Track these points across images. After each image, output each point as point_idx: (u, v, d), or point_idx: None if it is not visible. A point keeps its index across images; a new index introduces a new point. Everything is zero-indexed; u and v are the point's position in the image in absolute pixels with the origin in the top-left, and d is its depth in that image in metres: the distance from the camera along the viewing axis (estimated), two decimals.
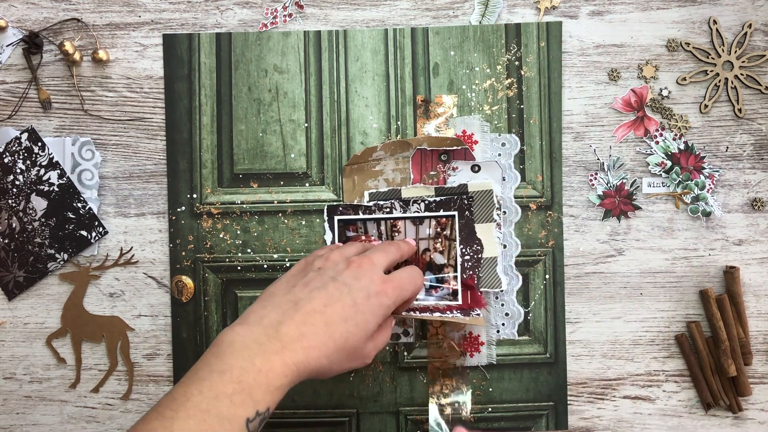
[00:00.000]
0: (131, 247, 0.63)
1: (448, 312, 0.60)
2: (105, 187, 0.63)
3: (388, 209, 0.61)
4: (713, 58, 0.62)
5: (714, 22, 0.62)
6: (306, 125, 0.62)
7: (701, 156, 0.62)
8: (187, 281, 0.63)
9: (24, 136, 0.62)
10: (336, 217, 0.62)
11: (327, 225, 0.62)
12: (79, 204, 0.62)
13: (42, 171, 0.62)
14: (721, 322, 0.62)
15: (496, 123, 0.62)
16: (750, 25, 0.61)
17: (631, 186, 0.62)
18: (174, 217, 0.63)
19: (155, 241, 0.63)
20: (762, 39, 0.62)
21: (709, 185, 0.62)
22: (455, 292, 0.61)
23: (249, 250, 0.63)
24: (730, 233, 0.63)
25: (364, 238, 0.62)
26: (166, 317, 0.63)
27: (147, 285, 0.63)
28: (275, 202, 0.63)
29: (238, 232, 0.63)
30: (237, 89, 0.62)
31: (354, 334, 0.47)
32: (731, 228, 0.63)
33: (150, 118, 0.63)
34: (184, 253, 0.63)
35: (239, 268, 0.63)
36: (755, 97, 0.62)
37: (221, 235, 0.63)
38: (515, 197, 0.62)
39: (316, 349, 0.46)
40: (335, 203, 0.62)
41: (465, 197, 0.61)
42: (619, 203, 0.62)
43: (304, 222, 0.63)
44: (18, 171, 0.62)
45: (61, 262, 0.62)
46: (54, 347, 0.63)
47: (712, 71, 0.62)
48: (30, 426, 0.64)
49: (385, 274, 0.52)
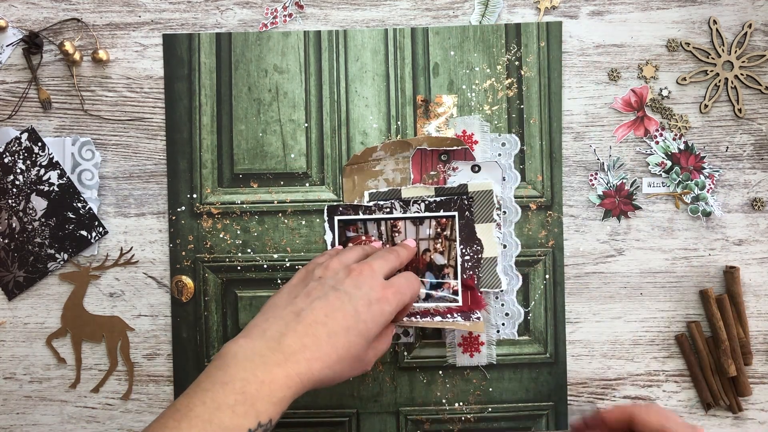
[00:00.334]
0: (131, 247, 0.63)
1: (448, 316, 0.60)
2: (105, 187, 0.63)
3: (388, 209, 0.61)
4: (713, 58, 0.62)
5: (714, 22, 0.62)
6: (306, 125, 0.62)
7: (701, 156, 0.62)
8: (187, 281, 0.63)
9: (24, 136, 0.62)
10: (336, 217, 0.62)
11: (327, 225, 0.62)
12: (79, 204, 0.62)
13: (42, 171, 0.62)
14: (721, 322, 0.62)
15: (496, 123, 0.62)
16: (750, 25, 0.61)
17: (631, 186, 0.62)
18: (174, 217, 0.63)
19: (155, 241, 0.63)
20: (762, 39, 0.62)
21: (709, 185, 0.62)
22: (455, 292, 0.61)
23: (249, 250, 0.63)
24: (730, 233, 0.63)
25: (364, 238, 0.62)
26: (166, 317, 0.63)
27: (147, 285, 0.63)
28: (275, 202, 0.63)
29: (238, 232, 0.63)
30: (237, 89, 0.62)
31: (356, 343, 0.47)
32: (731, 228, 0.63)
33: (150, 118, 0.63)
34: (184, 253, 0.63)
35: (239, 268, 0.63)
36: (755, 97, 0.62)
37: (221, 235, 0.63)
38: (515, 197, 0.62)
39: (319, 361, 0.46)
40: (335, 203, 0.62)
41: (465, 197, 0.61)
42: (619, 203, 0.62)
43: (304, 222, 0.63)
44: (18, 171, 0.62)
45: (61, 262, 0.62)
46: (54, 347, 0.63)
47: (712, 71, 0.62)
48: (30, 426, 0.64)
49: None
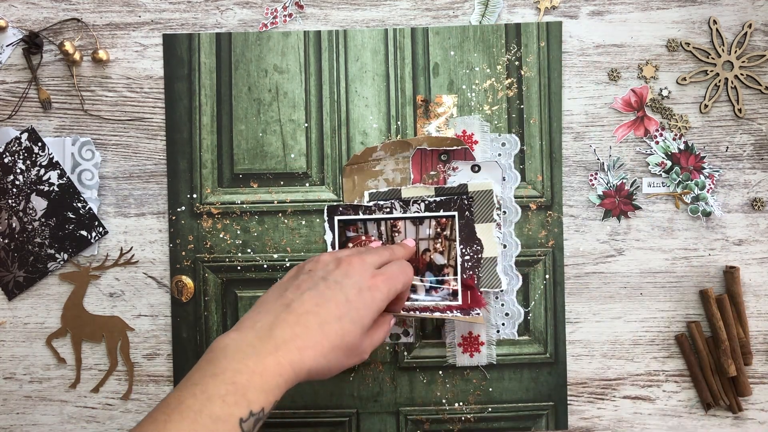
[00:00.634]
0: (131, 247, 0.63)
1: (448, 312, 0.60)
2: (105, 187, 0.63)
3: (388, 209, 0.61)
4: (713, 58, 0.62)
5: (714, 22, 0.62)
6: (306, 125, 0.62)
7: (701, 156, 0.62)
8: (187, 281, 0.63)
9: (24, 136, 0.62)
10: (336, 217, 0.62)
11: (327, 225, 0.62)
12: (79, 204, 0.62)
13: (42, 171, 0.62)
14: (721, 322, 0.62)
15: (496, 123, 0.62)
16: (750, 25, 0.61)
17: (631, 186, 0.62)
18: (174, 217, 0.63)
19: (155, 241, 0.63)
20: (762, 39, 0.62)
21: (709, 185, 0.62)
22: (455, 292, 0.61)
23: (249, 250, 0.63)
24: (730, 233, 0.63)
25: (364, 238, 0.62)
26: (166, 317, 0.63)
27: (147, 285, 0.63)
28: (275, 202, 0.63)
29: (238, 232, 0.63)
30: (237, 89, 0.62)
31: (350, 331, 0.47)
32: (731, 228, 0.63)
33: (150, 118, 0.63)
34: (184, 253, 0.63)
35: (239, 268, 0.63)
36: (755, 97, 0.62)
37: (221, 235, 0.63)
38: (515, 197, 0.62)
39: (310, 349, 0.45)
40: (335, 203, 0.62)
41: (465, 197, 0.61)
42: (619, 203, 0.62)
43: (304, 222, 0.63)
44: (18, 171, 0.62)
45: (61, 262, 0.62)
46: (54, 347, 0.63)
47: (712, 71, 0.62)
48: (30, 426, 0.64)
49: None
